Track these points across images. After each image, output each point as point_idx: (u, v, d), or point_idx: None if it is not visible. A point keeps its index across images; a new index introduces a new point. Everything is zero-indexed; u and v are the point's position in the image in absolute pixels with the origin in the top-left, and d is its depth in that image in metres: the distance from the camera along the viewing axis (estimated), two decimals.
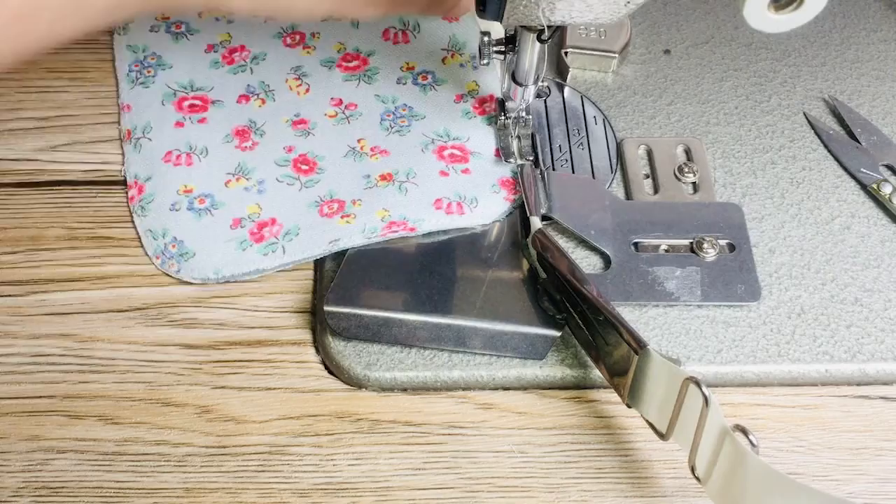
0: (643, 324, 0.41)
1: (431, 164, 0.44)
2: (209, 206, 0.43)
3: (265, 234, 0.42)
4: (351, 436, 0.38)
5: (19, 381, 0.39)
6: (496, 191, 0.43)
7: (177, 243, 0.42)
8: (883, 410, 0.40)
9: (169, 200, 0.43)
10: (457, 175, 0.44)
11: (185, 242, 0.42)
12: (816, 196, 0.45)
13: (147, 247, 0.43)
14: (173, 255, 0.42)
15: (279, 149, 0.45)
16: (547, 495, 0.37)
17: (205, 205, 0.43)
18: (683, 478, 0.37)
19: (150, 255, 0.42)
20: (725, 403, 0.39)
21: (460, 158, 0.44)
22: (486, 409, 0.39)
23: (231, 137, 0.45)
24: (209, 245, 0.42)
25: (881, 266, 0.43)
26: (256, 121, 0.46)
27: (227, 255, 0.42)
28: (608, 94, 0.49)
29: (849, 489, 0.37)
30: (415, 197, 0.43)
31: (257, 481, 0.37)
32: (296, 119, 0.46)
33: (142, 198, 0.44)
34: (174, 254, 0.42)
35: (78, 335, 0.41)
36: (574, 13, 0.36)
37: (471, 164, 0.44)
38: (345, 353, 0.40)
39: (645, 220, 0.43)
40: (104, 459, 0.38)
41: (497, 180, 0.44)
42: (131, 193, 0.44)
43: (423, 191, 0.43)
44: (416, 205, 0.42)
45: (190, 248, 0.42)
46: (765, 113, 0.49)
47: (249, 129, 0.45)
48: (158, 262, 0.42)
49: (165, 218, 0.43)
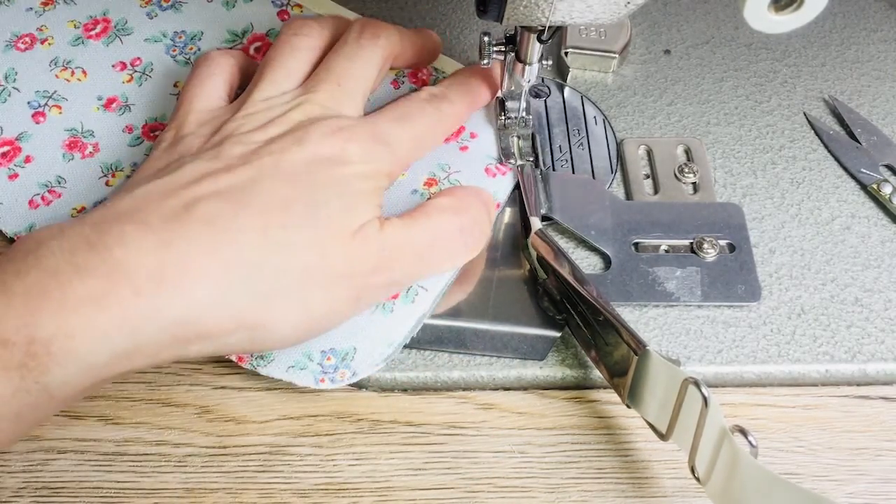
0: (643, 324, 0.41)
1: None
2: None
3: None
4: (351, 436, 0.38)
5: None
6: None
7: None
8: (883, 411, 0.40)
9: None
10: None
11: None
12: (816, 196, 0.45)
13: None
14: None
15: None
16: (547, 495, 0.37)
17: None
18: (683, 478, 0.37)
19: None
20: (725, 403, 0.39)
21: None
22: (486, 410, 0.39)
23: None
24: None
25: (881, 266, 0.43)
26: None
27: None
28: (608, 94, 0.49)
29: (849, 489, 0.37)
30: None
31: (258, 481, 0.37)
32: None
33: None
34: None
35: None
36: (574, 13, 0.36)
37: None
38: None
39: (645, 220, 0.43)
40: (104, 459, 0.38)
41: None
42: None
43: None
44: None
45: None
46: (765, 113, 0.49)
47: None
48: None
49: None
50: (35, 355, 0.30)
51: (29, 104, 0.45)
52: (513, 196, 0.44)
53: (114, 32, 0.48)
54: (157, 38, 0.48)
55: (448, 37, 0.51)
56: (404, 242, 0.37)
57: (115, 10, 0.48)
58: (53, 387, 0.30)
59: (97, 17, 0.48)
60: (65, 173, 0.43)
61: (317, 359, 0.38)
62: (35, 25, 0.48)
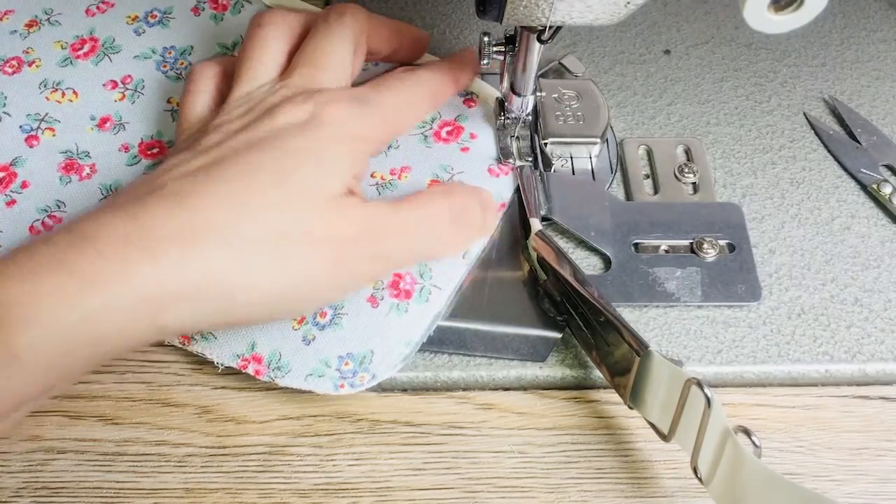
0: (643, 324, 0.41)
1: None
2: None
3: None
4: (351, 436, 0.38)
5: None
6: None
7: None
8: (883, 411, 0.40)
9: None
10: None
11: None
12: (816, 196, 0.45)
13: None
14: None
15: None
16: (547, 495, 0.37)
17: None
18: (684, 478, 0.37)
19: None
20: (726, 404, 0.39)
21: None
22: (486, 410, 0.39)
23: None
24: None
25: (881, 266, 0.43)
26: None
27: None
28: (608, 94, 0.49)
29: (849, 489, 0.37)
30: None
31: (257, 482, 0.37)
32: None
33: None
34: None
35: None
36: (574, 13, 0.36)
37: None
38: None
39: (645, 220, 0.43)
40: (104, 460, 0.38)
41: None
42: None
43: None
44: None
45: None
46: (765, 113, 0.49)
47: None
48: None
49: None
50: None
51: (21, 128, 0.45)
52: (512, 197, 0.44)
53: (102, 51, 0.47)
54: (147, 54, 0.47)
55: (448, 37, 0.51)
56: (389, 216, 0.37)
57: (102, 28, 0.48)
58: (19, 348, 0.30)
59: (84, 36, 0.48)
60: (64, 197, 0.43)
61: (334, 365, 0.38)
62: (21, 48, 0.47)
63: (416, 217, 0.38)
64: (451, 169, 0.43)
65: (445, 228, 0.39)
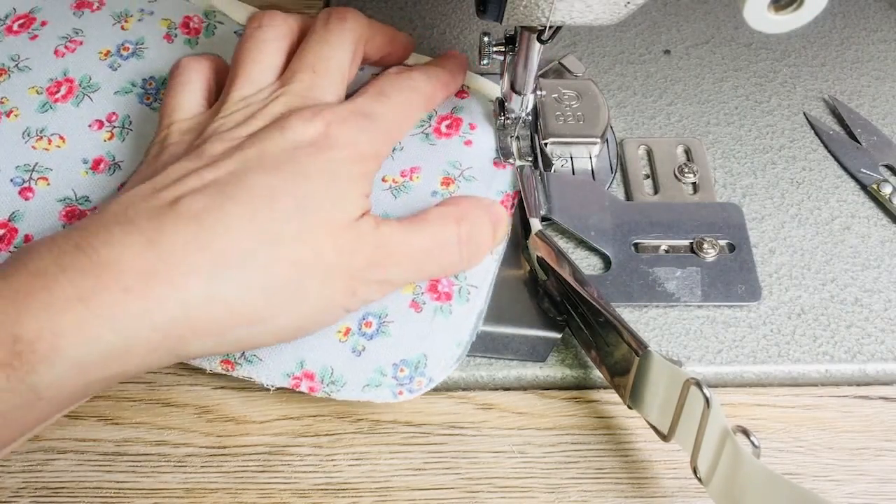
0: (643, 324, 0.41)
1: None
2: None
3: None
4: (351, 436, 0.38)
5: None
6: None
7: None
8: (883, 411, 0.40)
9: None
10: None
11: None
12: (816, 196, 0.45)
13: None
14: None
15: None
16: (547, 495, 0.37)
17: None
18: (684, 478, 0.37)
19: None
20: (725, 404, 0.39)
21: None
22: (486, 410, 0.39)
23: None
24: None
25: (881, 266, 0.43)
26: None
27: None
28: (608, 94, 0.49)
29: (849, 489, 0.37)
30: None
31: (257, 482, 0.37)
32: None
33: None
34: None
35: None
36: (574, 13, 0.36)
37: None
38: None
39: (645, 220, 0.43)
40: (104, 460, 0.38)
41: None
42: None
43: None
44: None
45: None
46: (765, 113, 0.49)
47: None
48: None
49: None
50: (20, 354, 0.29)
51: (12, 181, 0.42)
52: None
53: (80, 91, 0.45)
54: (128, 88, 0.45)
55: (448, 37, 0.51)
56: (402, 243, 0.37)
57: (75, 67, 0.46)
58: (41, 387, 0.30)
59: (58, 78, 0.45)
60: None
61: (390, 373, 0.38)
62: None
63: (428, 246, 0.38)
64: (459, 165, 0.43)
65: (455, 254, 0.39)
